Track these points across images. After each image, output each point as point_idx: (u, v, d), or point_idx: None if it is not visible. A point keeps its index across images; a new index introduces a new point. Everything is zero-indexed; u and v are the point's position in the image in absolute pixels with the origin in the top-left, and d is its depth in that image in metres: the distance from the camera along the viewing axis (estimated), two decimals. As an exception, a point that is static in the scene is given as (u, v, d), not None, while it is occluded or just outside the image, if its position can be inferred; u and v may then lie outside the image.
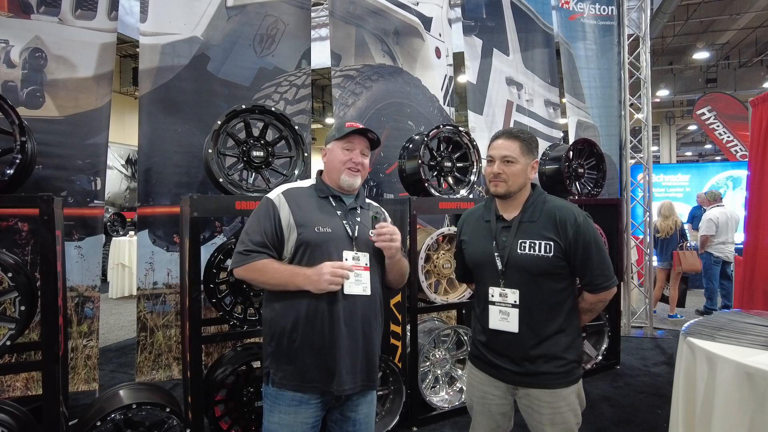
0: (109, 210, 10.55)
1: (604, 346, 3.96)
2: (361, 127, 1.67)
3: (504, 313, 1.61)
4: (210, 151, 2.53)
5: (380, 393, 2.92)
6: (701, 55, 12.01)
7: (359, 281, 1.60)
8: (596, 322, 3.92)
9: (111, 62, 3.09)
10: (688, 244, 5.76)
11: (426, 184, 3.13)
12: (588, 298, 1.65)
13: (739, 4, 10.21)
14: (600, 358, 3.93)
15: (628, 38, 5.19)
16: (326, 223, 1.62)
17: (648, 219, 5.32)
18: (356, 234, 1.64)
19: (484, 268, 1.67)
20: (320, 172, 1.75)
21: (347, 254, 1.60)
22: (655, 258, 5.65)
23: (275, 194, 1.66)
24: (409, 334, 3.06)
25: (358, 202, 1.72)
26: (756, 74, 12.61)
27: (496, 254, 1.63)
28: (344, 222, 1.65)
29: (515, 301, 1.59)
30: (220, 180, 2.54)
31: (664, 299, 5.95)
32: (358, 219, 1.68)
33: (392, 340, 3.20)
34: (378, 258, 1.68)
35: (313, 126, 14.51)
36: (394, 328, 3.18)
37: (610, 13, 5.11)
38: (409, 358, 3.04)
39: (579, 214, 1.60)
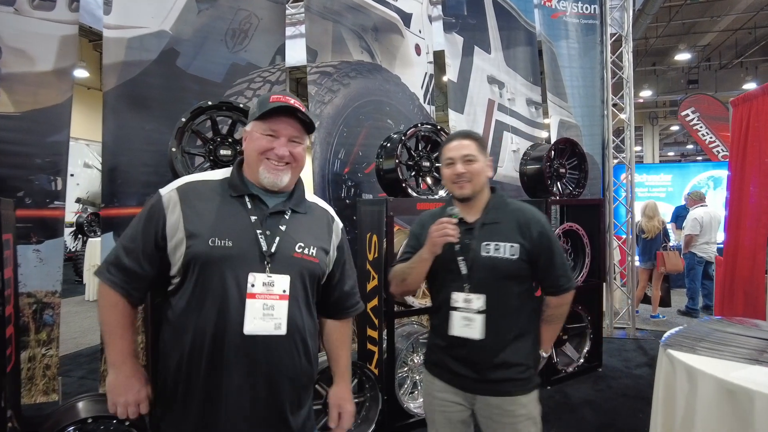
0: (88, 210, 10.27)
1: (586, 348, 3.91)
2: (289, 103, 1.24)
3: (467, 320, 1.54)
4: (174, 149, 2.42)
5: (356, 401, 2.82)
6: (683, 57, 12.12)
7: (269, 315, 1.19)
8: (578, 324, 3.88)
9: (73, 56, 2.94)
10: (671, 245, 5.77)
11: (403, 185, 3.04)
12: (552, 302, 1.61)
13: (720, 7, 10.32)
14: (582, 360, 3.88)
15: (611, 37, 5.17)
16: (228, 232, 1.19)
17: (630, 219, 5.30)
18: (274, 249, 1.22)
19: (446, 273, 1.59)
20: (241, 162, 1.33)
21: (255, 278, 1.18)
22: (637, 258, 5.64)
23: (168, 190, 1.25)
24: (386, 339, 2.97)
25: (290, 205, 1.30)
26: (736, 76, 12.77)
27: (459, 258, 1.55)
28: (258, 231, 1.22)
29: (480, 307, 1.52)
30: (186, 180, 2.42)
31: (647, 299, 5.95)
32: (284, 227, 1.26)
33: (369, 346, 3.10)
34: (311, 280, 1.28)
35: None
36: (370, 333, 3.09)
37: (592, 12, 5.07)
38: (386, 364, 2.95)
39: (541, 216, 1.60)
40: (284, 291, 1.22)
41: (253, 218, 1.24)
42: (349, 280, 1.45)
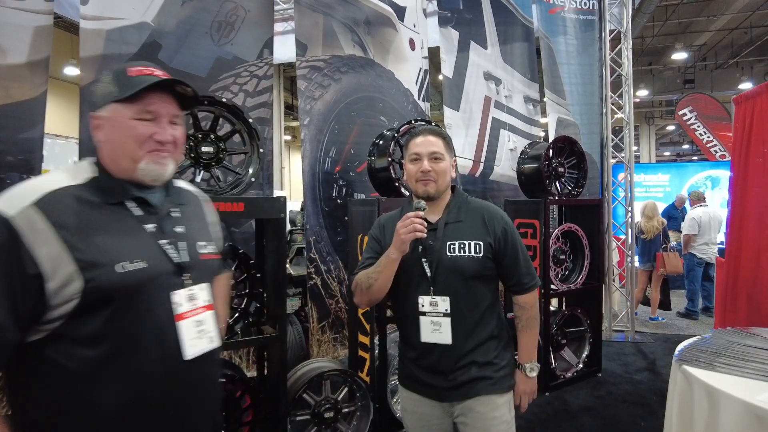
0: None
1: (585, 353, 3.80)
2: (165, 77, 1.03)
3: (436, 324, 1.46)
4: (152, 146, 2.28)
5: (346, 410, 2.70)
6: (679, 56, 12.07)
7: (203, 331, 1.05)
8: (577, 328, 3.76)
9: (47, 48, 2.78)
10: (671, 245, 5.67)
11: (396, 184, 2.91)
12: (520, 301, 1.56)
13: (716, 6, 10.27)
14: (581, 365, 3.76)
15: (610, 34, 5.06)
16: (135, 251, 0.98)
17: (630, 219, 5.20)
18: (186, 258, 1.06)
19: (411, 276, 1.51)
20: (97, 159, 1.05)
21: (179, 295, 1.03)
22: (636, 259, 5.55)
23: (17, 209, 0.89)
24: (378, 345, 2.84)
25: (173, 198, 1.12)
26: (732, 76, 12.74)
27: (424, 260, 1.48)
28: (161, 242, 1.03)
29: (446, 310, 1.46)
30: (166, 178, 2.29)
31: (646, 301, 5.85)
32: (181, 229, 1.08)
33: (361, 352, 2.97)
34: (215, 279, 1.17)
35: (293, 123, 14.21)
36: (362, 339, 2.96)
37: (591, 8, 4.96)
38: (378, 372, 2.82)
39: (503, 214, 1.57)
40: (206, 301, 1.09)
41: (149, 227, 1.03)
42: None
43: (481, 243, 1.47)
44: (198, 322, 1.05)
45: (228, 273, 1.47)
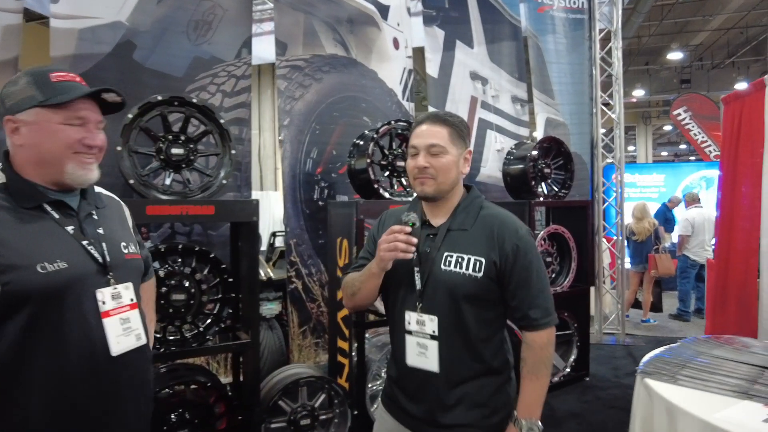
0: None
1: (573, 357, 3.74)
2: (84, 83, 1.08)
3: (422, 347, 1.25)
4: (119, 148, 2.22)
5: (323, 417, 2.64)
6: (675, 56, 12.03)
7: (129, 329, 1.09)
8: (564, 332, 3.70)
9: (16, 47, 2.72)
10: (663, 246, 5.62)
11: (376, 185, 2.85)
12: (529, 338, 1.24)
13: (712, 6, 10.22)
14: (568, 369, 3.70)
15: (600, 33, 5.00)
16: (55, 252, 1.00)
17: (620, 221, 5.14)
18: (109, 257, 1.09)
19: (400, 285, 1.30)
20: (8, 163, 1.06)
21: (103, 294, 1.06)
22: (627, 261, 5.49)
23: None
24: (356, 351, 2.78)
25: (91, 201, 1.15)
26: (728, 76, 12.71)
27: (416, 269, 1.26)
28: (84, 243, 1.06)
29: (434, 331, 1.24)
30: (131, 181, 2.23)
31: (638, 304, 5.79)
32: (101, 231, 1.11)
33: (340, 358, 2.91)
34: (140, 278, 1.22)
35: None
36: (341, 344, 2.90)
37: (580, 6, 4.90)
38: (357, 378, 2.76)
39: (521, 227, 1.28)
40: (132, 299, 1.13)
41: (69, 229, 1.06)
42: (144, 249, 1.35)
43: (482, 260, 1.22)
44: (123, 320, 1.09)
45: (154, 278, 1.48)
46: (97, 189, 1.23)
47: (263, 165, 9.23)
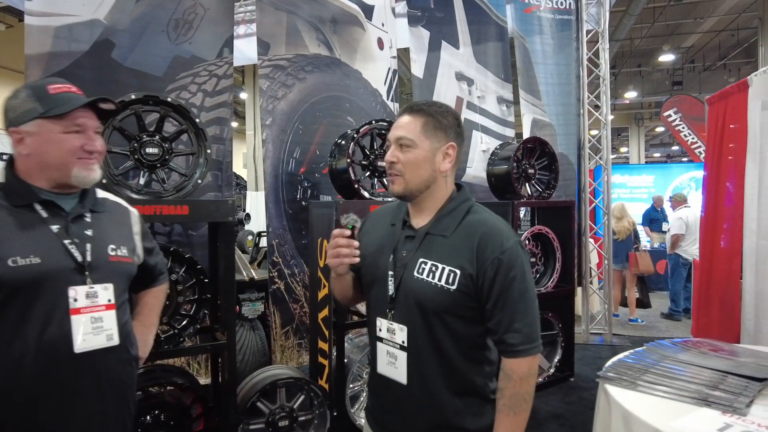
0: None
1: (557, 357, 3.73)
2: (81, 93, 1.17)
3: (392, 356, 1.16)
4: (92, 147, 2.20)
5: (302, 419, 2.62)
6: (667, 58, 12.09)
7: (99, 328, 1.12)
8: (549, 332, 3.69)
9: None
10: (642, 245, 5.67)
11: (356, 185, 2.84)
12: (507, 367, 1.10)
13: (703, 8, 10.28)
14: (552, 370, 3.69)
15: (587, 34, 5.00)
16: (30, 248, 1.07)
17: (606, 221, 5.14)
18: (90, 257, 1.14)
19: (376, 288, 1.21)
20: (10, 167, 1.16)
21: (76, 292, 1.10)
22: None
23: None
24: (336, 352, 2.76)
25: (87, 204, 1.21)
26: (719, 78, 12.77)
27: (390, 273, 1.16)
28: (65, 242, 1.12)
29: (403, 341, 1.14)
30: (103, 181, 2.20)
31: (625, 303, 5.81)
32: (90, 232, 1.17)
33: (320, 359, 2.89)
34: (128, 282, 1.25)
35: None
36: (321, 345, 2.88)
37: (567, 7, 4.90)
38: (336, 379, 2.74)
39: (508, 239, 1.11)
40: (109, 300, 1.16)
41: (54, 227, 1.13)
42: (157, 256, 1.46)
43: (457, 272, 1.08)
44: (95, 319, 1.12)
45: (165, 284, 1.52)
46: (106, 195, 1.33)
47: (258, 165, 9.09)
